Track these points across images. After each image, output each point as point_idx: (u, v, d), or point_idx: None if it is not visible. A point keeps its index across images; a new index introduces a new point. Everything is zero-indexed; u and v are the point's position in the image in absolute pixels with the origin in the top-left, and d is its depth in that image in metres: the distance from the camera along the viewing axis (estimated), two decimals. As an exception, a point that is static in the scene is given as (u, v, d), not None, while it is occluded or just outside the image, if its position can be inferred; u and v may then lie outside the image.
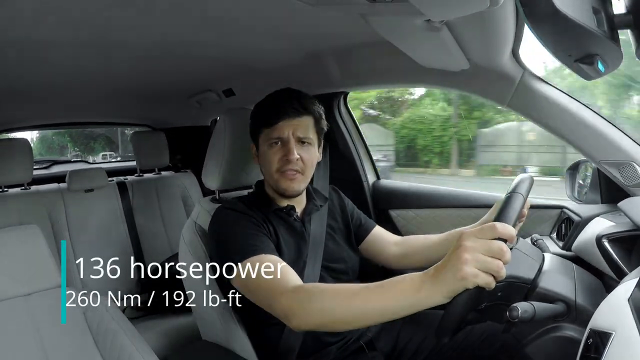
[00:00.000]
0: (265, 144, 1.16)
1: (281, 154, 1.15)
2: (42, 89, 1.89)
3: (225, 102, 2.13)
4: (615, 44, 0.75)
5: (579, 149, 1.23)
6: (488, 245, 0.70)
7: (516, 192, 0.91)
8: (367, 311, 0.83)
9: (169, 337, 1.80)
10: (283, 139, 1.15)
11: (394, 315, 0.80)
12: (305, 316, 0.89)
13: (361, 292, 0.85)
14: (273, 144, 1.15)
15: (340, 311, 0.86)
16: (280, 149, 1.15)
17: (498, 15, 0.83)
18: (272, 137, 1.15)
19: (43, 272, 1.42)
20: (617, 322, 0.67)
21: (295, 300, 0.91)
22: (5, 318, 1.25)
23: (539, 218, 1.51)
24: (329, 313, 0.87)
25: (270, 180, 1.19)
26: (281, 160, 1.15)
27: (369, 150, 1.97)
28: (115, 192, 2.40)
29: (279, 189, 1.18)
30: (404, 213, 1.79)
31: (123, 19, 1.10)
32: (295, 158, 1.14)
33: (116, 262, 2.25)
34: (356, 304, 0.84)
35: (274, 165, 1.15)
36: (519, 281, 0.98)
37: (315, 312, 0.88)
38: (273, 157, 1.15)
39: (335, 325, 0.91)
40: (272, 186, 1.21)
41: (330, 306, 0.87)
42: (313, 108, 1.18)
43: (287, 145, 1.14)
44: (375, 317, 0.84)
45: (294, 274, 1.00)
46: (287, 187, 1.16)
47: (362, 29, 0.99)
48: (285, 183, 1.16)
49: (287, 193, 1.18)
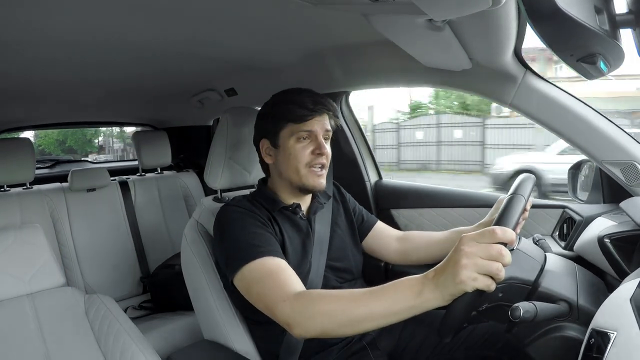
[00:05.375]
0: (292, 139, 1.15)
1: (312, 147, 1.15)
2: (44, 89, 1.90)
3: (227, 102, 2.14)
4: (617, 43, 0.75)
5: (581, 149, 1.23)
6: (487, 250, 0.71)
7: (517, 193, 0.91)
8: (369, 316, 0.84)
9: (171, 337, 1.81)
10: (312, 134, 1.15)
11: (395, 319, 0.81)
12: (307, 325, 0.90)
13: (362, 297, 0.85)
14: (302, 138, 1.15)
15: (341, 318, 0.86)
16: (310, 143, 1.15)
17: (500, 14, 0.82)
18: (302, 131, 1.15)
19: (45, 271, 1.42)
20: (619, 322, 0.67)
21: (296, 309, 0.91)
22: (8, 317, 1.26)
23: (541, 218, 1.51)
24: (331, 321, 0.87)
25: (294, 176, 1.17)
26: (312, 154, 1.15)
27: (370, 150, 1.97)
28: (118, 191, 2.41)
29: (306, 185, 1.17)
30: (406, 212, 1.79)
31: (124, 19, 1.11)
32: (327, 152, 1.15)
33: (118, 262, 2.29)
34: (358, 311, 0.85)
35: (303, 160, 1.15)
36: (520, 281, 0.97)
37: (317, 321, 0.89)
38: (302, 152, 1.15)
39: (338, 332, 0.90)
40: (293, 182, 1.18)
41: (331, 314, 0.87)
42: (332, 107, 1.19)
43: (316, 140, 1.15)
44: (376, 322, 0.84)
45: (295, 279, 0.99)
46: (315, 183, 1.17)
47: (364, 28, 0.99)
48: (313, 179, 1.16)
49: (315, 189, 1.19)
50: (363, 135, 1.95)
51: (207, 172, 1.36)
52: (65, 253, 2.14)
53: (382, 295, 0.83)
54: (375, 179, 1.95)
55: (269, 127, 1.20)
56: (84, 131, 11.61)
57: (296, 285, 0.97)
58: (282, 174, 1.20)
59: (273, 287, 0.97)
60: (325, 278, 1.19)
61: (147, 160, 2.55)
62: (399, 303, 0.80)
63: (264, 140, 1.22)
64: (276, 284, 0.97)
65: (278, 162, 1.20)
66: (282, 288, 0.95)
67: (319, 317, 0.88)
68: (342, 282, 1.24)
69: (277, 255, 1.04)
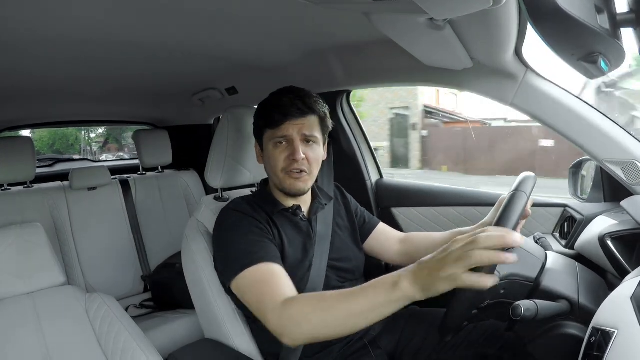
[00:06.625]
0: (270, 144, 1.15)
1: (287, 153, 1.14)
2: (45, 88, 1.90)
3: (228, 100, 2.14)
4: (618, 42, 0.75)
5: (582, 148, 1.23)
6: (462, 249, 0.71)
7: (519, 190, 0.91)
8: (352, 316, 0.85)
9: (172, 336, 1.81)
10: (288, 139, 1.14)
11: (378, 314, 0.83)
12: (295, 334, 0.91)
13: (344, 298, 0.87)
14: (278, 143, 1.14)
15: (328, 322, 0.88)
16: (286, 148, 1.14)
17: (501, 13, 0.83)
18: (277, 137, 1.14)
19: (46, 270, 1.42)
20: (619, 320, 0.67)
21: (284, 319, 0.92)
22: (9, 316, 1.26)
23: (542, 216, 1.51)
24: (317, 326, 0.89)
25: (275, 179, 1.18)
26: (287, 160, 1.14)
27: (371, 149, 1.97)
28: (118, 190, 2.41)
29: (284, 188, 1.17)
30: (407, 211, 1.79)
31: (125, 18, 1.11)
32: (301, 158, 1.13)
33: (119, 261, 2.29)
34: (341, 312, 0.86)
35: (279, 165, 1.14)
36: (521, 279, 0.98)
37: (304, 328, 0.90)
38: (278, 157, 1.14)
39: (327, 335, 0.91)
40: (277, 186, 1.20)
41: (317, 319, 0.89)
42: (318, 107, 1.16)
43: (292, 145, 1.13)
44: (362, 320, 0.85)
45: (287, 285, 0.99)
46: (292, 186, 1.16)
47: (365, 27, 0.99)
48: (289, 182, 1.15)
49: (292, 192, 1.17)
50: (364, 133, 1.96)
51: (208, 171, 1.36)
52: (66, 252, 2.14)
53: (362, 293, 0.85)
54: (376, 177, 1.95)
55: (256, 131, 1.22)
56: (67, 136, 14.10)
57: (287, 292, 0.97)
58: (269, 176, 1.22)
59: (263, 295, 0.97)
60: (327, 278, 1.19)
61: (148, 159, 2.54)
62: (378, 297, 0.82)
63: (256, 142, 1.25)
64: (266, 292, 0.97)
65: (264, 164, 1.22)
66: (271, 296, 0.96)
67: (305, 324, 0.89)
68: (344, 281, 1.24)
69: (272, 260, 1.04)
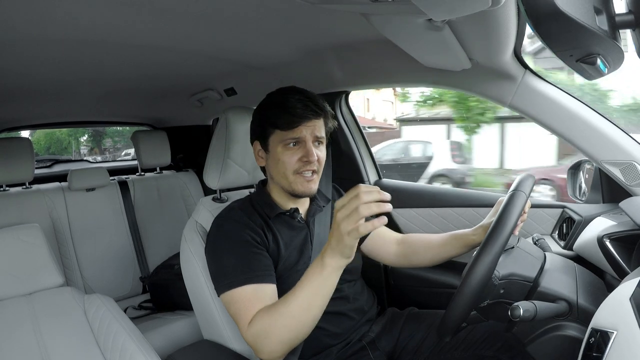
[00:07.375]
0: (279, 145, 1.13)
1: (300, 154, 1.12)
2: (43, 88, 1.89)
3: (226, 101, 2.13)
4: (617, 43, 0.75)
5: (581, 149, 1.23)
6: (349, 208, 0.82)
7: (519, 190, 0.92)
8: (304, 310, 0.93)
9: (170, 337, 1.80)
10: (300, 140, 1.12)
11: (322, 298, 0.93)
12: (268, 347, 0.96)
13: (292, 297, 0.94)
14: (289, 145, 1.12)
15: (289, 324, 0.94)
16: (298, 149, 1.12)
17: (500, 14, 0.83)
18: (289, 138, 1.12)
19: (44, 271, 1.42)
20: (618, 321, 0.67)
21: (253, 337, 0.97)
22: (7, 317, 1.26)
23: (541, 217, 1.51)
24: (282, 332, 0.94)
25: (284, 181, 1.15)
26: (300, 161, 1.12)
27: (370, 149, 1.97)
28: (117, 191, 2.41)
29: (294, 190, 1.15)
30: (406, 212, 1.78)
31: (124, 18, 1.10)
32: (316, 159, 1.12)
33: (118, 262, 2.28)
34: (295, 311, 0.93)
35: (291, 167, 1.13)
36: (521, 278, 0.98)
37: (273, 340, 0.95)
38: (290, 158, 1.12)
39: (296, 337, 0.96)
40: (284, 187, 1.17)
41: (279, 326, 0.94)
42: (326, 108, 1.16)
43: (305, 146, 1.12)
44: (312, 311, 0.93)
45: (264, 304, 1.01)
46: (305, 189, 1.14)
47: (364, 28, 0.99)
48: (303, 185, 1.14)
49: (304, 194, 1.16)
50: (362, 134, 1.95)
51: (206, 172, 1.36)
52: (64, 253, 2.14)
53: (300, 286, 0.93)
54: (374, 178, 1.95)
55: (258, 131, 1.19)
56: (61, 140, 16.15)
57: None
58: (273, 178, 1.20)
59: (240, 316, 1.01)
60: None
61: (147, 160, 2.54)
62: (314, 282, 0.91)
63: (256, 142, 1.21)
64: (242, 314, 1.01)
65: (269, 165, 1.19)
66: (245, 318, 1.00)
67: (272, 335, 0.95)
68: (342, 282, 1.23)
69: (258, 280, 1.05)
